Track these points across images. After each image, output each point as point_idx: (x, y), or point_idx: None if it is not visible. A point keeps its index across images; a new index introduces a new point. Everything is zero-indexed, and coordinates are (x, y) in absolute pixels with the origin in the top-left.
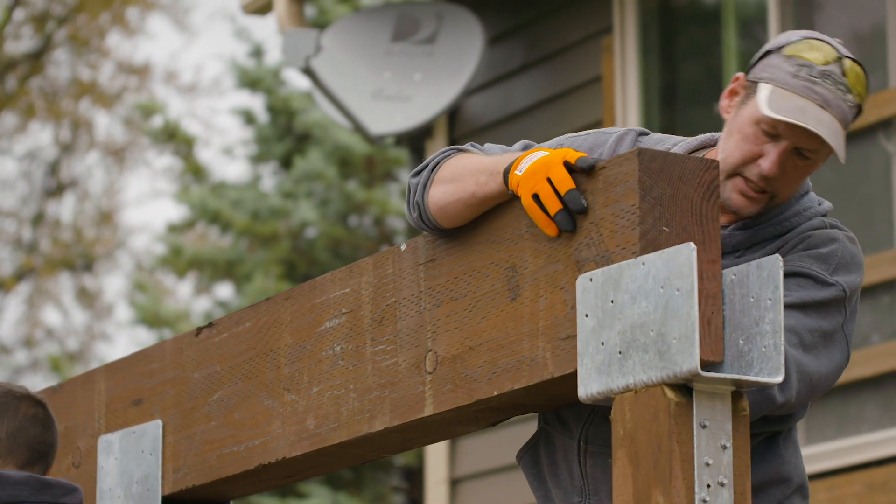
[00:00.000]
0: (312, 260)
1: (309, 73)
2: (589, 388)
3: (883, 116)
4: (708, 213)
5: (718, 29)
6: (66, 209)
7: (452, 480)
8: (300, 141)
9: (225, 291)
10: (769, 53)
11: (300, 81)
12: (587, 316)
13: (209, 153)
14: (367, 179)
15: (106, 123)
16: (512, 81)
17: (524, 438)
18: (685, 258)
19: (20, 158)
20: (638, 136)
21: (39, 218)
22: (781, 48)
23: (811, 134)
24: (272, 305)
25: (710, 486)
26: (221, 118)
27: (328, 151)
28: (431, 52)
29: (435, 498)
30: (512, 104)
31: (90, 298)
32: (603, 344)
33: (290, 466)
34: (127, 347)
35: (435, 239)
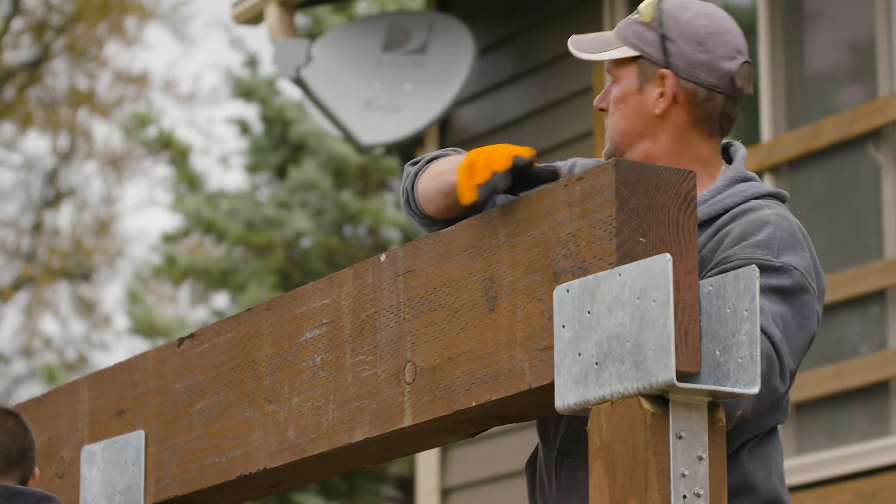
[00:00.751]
0: (307, 269)
1: (300, 83)
2: (566, 399)
3: (872, 126)
4: (685, 223)
5: None
6: (64, 218)
7: (444, 490)
8: (295, 151)
9: (221, 301)
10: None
11: (294, 92)
12: (564, 327)
13: (206, 162)
14: (361, 189)
15: (104, 133)
16: (502, 92)
17: (514, 449)
18: (661, 269)
19: (18, 168)
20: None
21: (37, 227)
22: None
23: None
24: (253, 316)
25: (686, 496)
26: (219, 127)
27: (322, 161)
28: (422, 62)
29: None
30: (502, 114)
31: (88, 308)
32: (580, 355)
33: (271, 477)
34: (124, 358)
35: (414, 249)
